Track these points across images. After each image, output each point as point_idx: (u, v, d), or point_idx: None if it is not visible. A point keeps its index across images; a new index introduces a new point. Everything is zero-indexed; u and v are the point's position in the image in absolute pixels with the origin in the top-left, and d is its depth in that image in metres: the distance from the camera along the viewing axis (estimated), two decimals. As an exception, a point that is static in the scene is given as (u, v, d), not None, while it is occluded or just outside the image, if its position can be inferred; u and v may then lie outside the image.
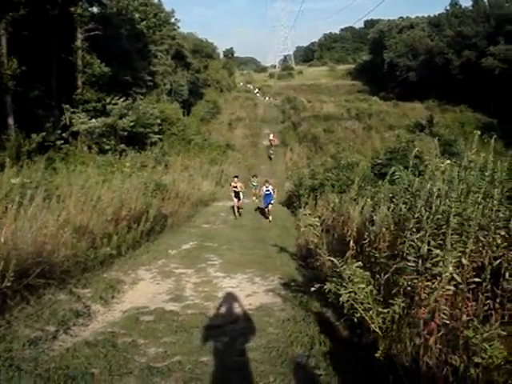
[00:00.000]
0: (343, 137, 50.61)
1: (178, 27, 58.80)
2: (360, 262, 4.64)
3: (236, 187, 19.92)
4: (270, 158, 45.87)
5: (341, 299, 4.31)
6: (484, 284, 4.10)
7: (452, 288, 3.81)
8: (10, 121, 25.81)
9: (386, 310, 4.10)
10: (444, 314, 3.80)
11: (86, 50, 33.41)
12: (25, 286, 7.15)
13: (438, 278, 3.78)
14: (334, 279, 4.80)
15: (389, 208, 6.14)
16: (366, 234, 6.48)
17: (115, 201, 12.74)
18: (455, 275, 3.76)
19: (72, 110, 31.18)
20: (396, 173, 6.87)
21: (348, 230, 7.83)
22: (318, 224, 8.64)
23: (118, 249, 11.09)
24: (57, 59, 31.06)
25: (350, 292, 4.34)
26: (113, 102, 34.02)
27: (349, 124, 56.08)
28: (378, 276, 5.10)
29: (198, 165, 35.81)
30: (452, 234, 4.31)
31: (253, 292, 8.52)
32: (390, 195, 6.87)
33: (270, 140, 50.49)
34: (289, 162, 44.25)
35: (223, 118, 65.27)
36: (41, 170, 16.40)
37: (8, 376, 4.70)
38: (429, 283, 3.93)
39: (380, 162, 16.50)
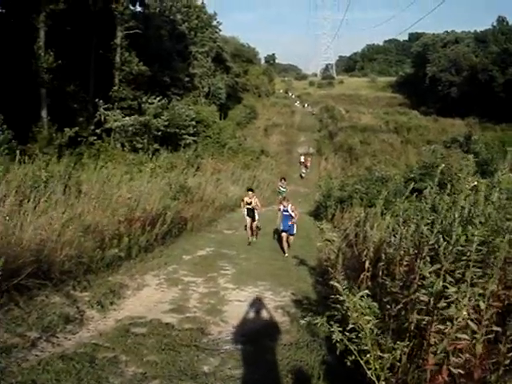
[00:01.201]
0: (380, 149, 49.36)
1: (220, 30, 58.66)
2: (367, 290, 4.04)
3: (250, 203, 15.31)
4: (302, 177, 43.90)
5: (333, 337, 3.71)
6: (508, 333, 3.42)
7: (465, 337, 3.18)
8: (44, 113, 25.82)
9: (386, 355, 3.48)
10: (454, 366, 3.18)
11: (126, 48, 33.38)
12: (15, 286, 6.73)
13: (450, 323, 3.17)
14: (339, 306, 4.24)
15: (408, 229, 5.49)
16: (383, 255, 5.85)
17: (131, 201, 12.34)
18: (470, 322, 3.14)
19: (107, 106, 31.13)
20: (426, 190, 6.30)
21: (365, 249, 7.19)
22: (336, 239, 8.08)
23: (128, 251, 10.64)
24: (95, 55, 31.09)
25: (346, 331, 3.75)
26: (149, 101, 33.95)
27: (386, 137, 54.73)
28: (388, 307, 4.47)
29: (230, 169, 35.37)
30: (473, 267, 3.68)
31: (261, 308, 7.95)
32: (415, 214, 6.23)
33: (300, 162, 46.72)
34: (323, 171, 43.49)
35: (259, 123, 64.78)
36: (64, 164, 16.23)
37: (-36, 389, 4.26)
38: (440, 327, 3.30)
39: (413, 176, 15.77)
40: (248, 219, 15.19)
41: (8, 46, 22.69)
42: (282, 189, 26.64)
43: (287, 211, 14.07)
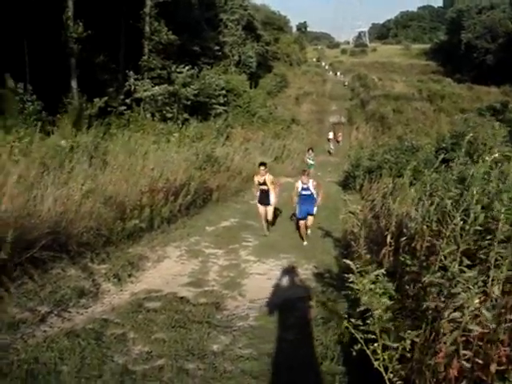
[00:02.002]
0: (412, 118, 47.98)
1: (251, -3, 57.82)
2: (383, 270, 3.76)
3: (264, 183, 11.31)
4: (330, 153, 40.12)
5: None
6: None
7: (477, 328, 2.88)
8: (74, 84, 25.77)
9: (395, 345, 3.19)
10: (467, 360, 2.89)
11: (155, 17, 32.99)
12: (30, 258, 6.64)
13: (461, 312, 2.87)
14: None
15: (432, 202, 5.13)
16: (405, 230, 5.52)
17: (154, 171, 12.19)
18: (485, 311, 2.83)
19: (136, 76, 30.96)
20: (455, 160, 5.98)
21: (387, 223, 6.85)
22: (359, 211, 7.79)
23: (150, 222, 10.52)
24: (125, 25, 30.85)
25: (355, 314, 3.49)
26: (178, 70, 33.65)
27: (419, 105, 53.08)
28: (407, 288, 4.17)
29: (260, 138, 35.03)
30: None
31: (280, 282, 7.74)
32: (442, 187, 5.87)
33: (328, 139, 42.78)
34: (354, 141, 42.70)
35: (290, 92, 63.77)
36: (91, 134, 16.20)
37: (-34, 366, 4.16)
38: (456, 315, 3.00)
39: (444, 145, 15.17)
40: (261, 208, 11.49)
41: (37, 17, 22.59)
42: (310, 161, 23.76)
43: (308, 189, 10.81)
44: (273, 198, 11.36)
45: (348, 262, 3.87)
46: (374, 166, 16.85)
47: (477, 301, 2.83)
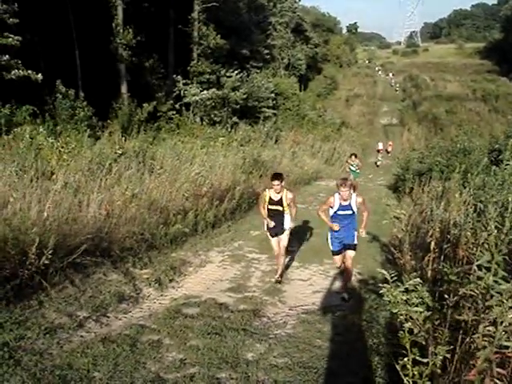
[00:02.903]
0: (466, 119, 46.57)
1: (300, 0, 57.61)
2: (418, 278, 3.55)
3: (279, 202, 7.92)
4: (377, 166, 35.88)
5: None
6: None
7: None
8: (123, 89, 26.25)
9: (425, 360, 2.99)
10: (500, 379, 2.67)
11: (203, 21, 33.25)
12: (72, 263, 6.71)
13: (495, 327, 2.65)
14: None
15: (476, 208, 4.87)
16: (448, 236, 5.27)
17: (199, 176, 12.20)
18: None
19: (185, 81, 31.26)
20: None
21: (430, 228, 6.58)
22: (403, 216, 7.54)
23: (194, 227, 10.52)
24: (174, 30, 31.23)
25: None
26: (227, 74, 33.81)
27: (473, 106, 51.73)
28: (447, 298, 3.94)
29: (310, 141, 34.82)
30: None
31: (322, 288, 7.57)
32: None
33: (378, 150, 38.78)
34: (405, 142, 41.93)
35: (340, 94, 63.22)
36: (140, 139, 16.43)
37: (1, 370, 4.18)
38: (490, 329, 2.78)
39: (497, 147, 14.58)
40: (274, 241, 8.06)
41: (88, 25, 23.13)
42: (353, 168, 19.48)
43: (349, 206, 7.26)
44: (288, 223, 7.99)
45: (382, 271, 3.68)
46: (424, 169, 16.38)
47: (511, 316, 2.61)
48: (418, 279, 3.63)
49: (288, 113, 41.68)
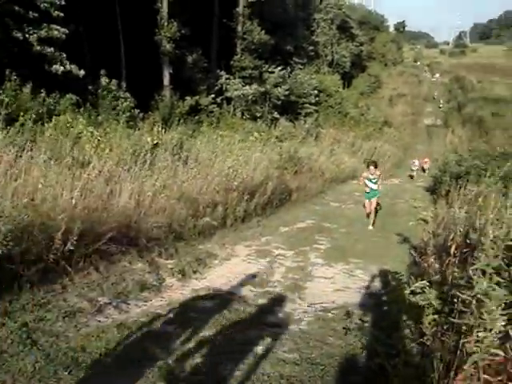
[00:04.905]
0: (512, 123, 45.63)
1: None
2: (424, 281, 3.54)
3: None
4: (411, 178, 31.41)
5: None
6: None
7: (500, 352, 2.61)
8: (166, 82, 26.57)
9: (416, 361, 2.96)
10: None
11: (247, 16, 33.32)
12: (98, 250, 6.88)
13: (483, 334, 2.61)
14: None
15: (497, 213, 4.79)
16: (468, 241, 5.20)
17: (230, 170, 12.29)
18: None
19: (228, 75, 31.40)
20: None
21: (451, 233, 6.49)
22: (430, 219, 7.47)
23: (223, 220, 10.65)
24: (218, 24, 31.39)
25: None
26: (269, 70, 33.81)
27: (521, 108, 50.39)
28: (455, 301, 3.90)
29: (350, 139, 34.56)
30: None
31: (344, 287, 7.53)
32: None
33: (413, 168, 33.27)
34: (448, 144, 41.16)
35: (384, 92, 62.39)
36: (178, 132, 16.62)
37: (18, 349, 4.35)
38: (481, 335, 2.74)
39: (541, 152, 14.27)
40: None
41: (133, 16, 23.50)
42: (373, 180, 13.12)
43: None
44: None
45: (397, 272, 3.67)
46: (462, 172, 16.12)
47: (503, 323, 2.58)
48: (425, 282, 3.62)
49: (330, 110, 41.45)
